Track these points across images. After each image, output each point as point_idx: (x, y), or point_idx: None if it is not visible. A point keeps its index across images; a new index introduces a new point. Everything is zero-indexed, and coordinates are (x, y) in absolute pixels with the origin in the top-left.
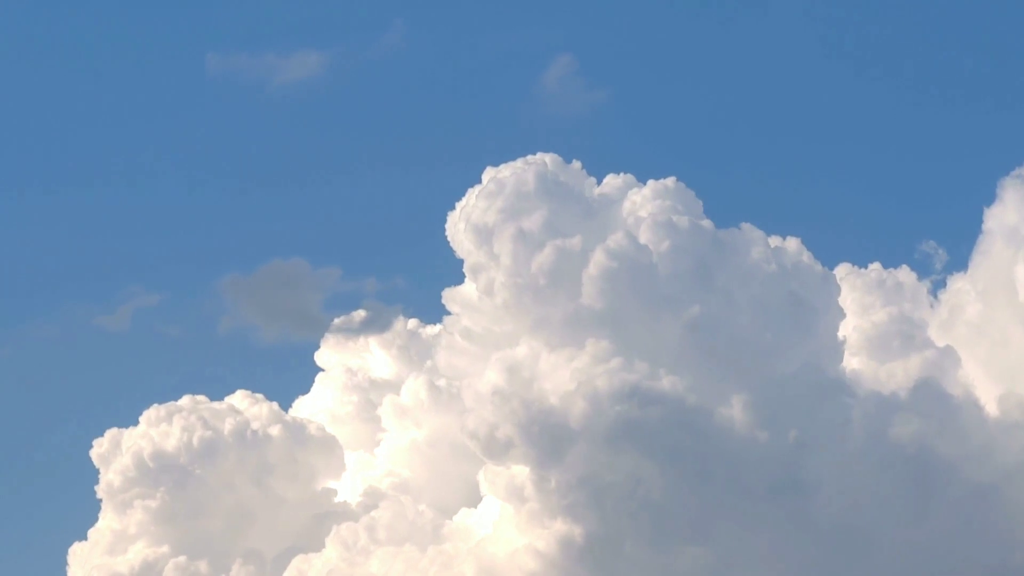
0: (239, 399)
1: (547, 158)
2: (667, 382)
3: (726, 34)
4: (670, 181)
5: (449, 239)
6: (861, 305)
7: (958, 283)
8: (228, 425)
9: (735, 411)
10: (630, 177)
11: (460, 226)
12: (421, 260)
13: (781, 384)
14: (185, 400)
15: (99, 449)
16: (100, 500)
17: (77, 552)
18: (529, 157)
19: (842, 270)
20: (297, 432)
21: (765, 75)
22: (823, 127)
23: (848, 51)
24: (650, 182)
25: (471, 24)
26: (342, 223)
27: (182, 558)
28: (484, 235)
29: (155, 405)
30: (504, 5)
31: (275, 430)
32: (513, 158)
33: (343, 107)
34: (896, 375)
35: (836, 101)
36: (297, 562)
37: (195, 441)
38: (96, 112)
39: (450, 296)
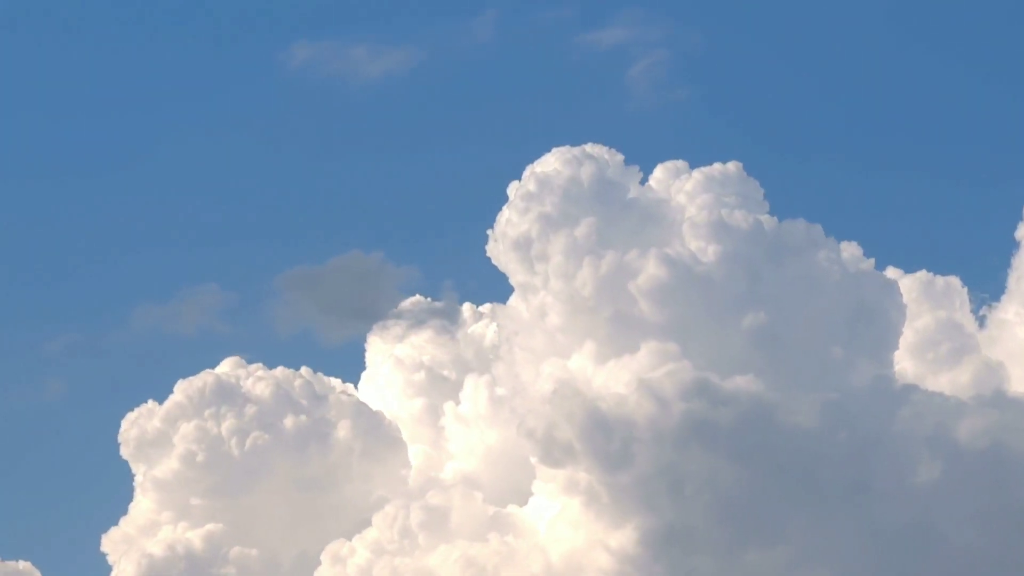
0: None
1: (604, 152)
2: (740, 380)
3: (819, 45)
4: (732, 166)
5: (490, 256)
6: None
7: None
8: (289, 423)
9: (807, 414)
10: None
11: (499, 247)
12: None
13: (850, 389)
14: (226, 365)
15: (127, 447)
16: (135, 488)
17: (112, 537)
18: (561, 150)
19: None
20: (368, 426)
21: (831, 82)
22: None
23: (921, 54)
24: (699, 171)
25: (563, 19)
26: (421, 219)
27: (252, 548)
28: (526, 250)
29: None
30: None
31: (343, 428)
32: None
33: (431, 98)
34: (946, 379)
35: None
36: (335, 546)
37: (248, 445)
38: (172, 101)
39: (502, 313)
